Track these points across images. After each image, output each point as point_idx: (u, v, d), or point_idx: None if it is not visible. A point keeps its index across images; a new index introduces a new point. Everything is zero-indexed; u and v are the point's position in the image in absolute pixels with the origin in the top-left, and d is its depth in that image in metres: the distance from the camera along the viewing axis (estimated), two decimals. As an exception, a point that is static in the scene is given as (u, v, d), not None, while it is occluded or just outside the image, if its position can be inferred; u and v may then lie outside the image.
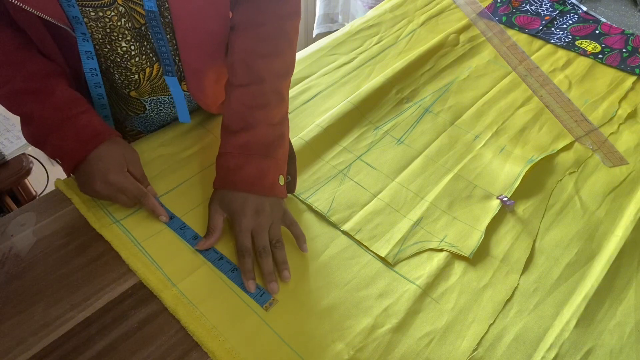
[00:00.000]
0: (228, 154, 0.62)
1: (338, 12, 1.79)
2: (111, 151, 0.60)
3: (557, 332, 0.55)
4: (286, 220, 0.62)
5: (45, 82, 0.60)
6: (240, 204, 0.60)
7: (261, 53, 0.65)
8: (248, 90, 0.64)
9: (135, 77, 0.66)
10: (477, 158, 0.76)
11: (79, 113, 0.60)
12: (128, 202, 0.61)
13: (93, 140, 0.60)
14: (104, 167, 0.59)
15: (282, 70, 0.67)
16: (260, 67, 0.65)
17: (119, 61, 0.64)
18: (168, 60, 0.65)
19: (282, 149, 0.64)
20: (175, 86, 0.68)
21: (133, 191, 0.60)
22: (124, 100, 0.71)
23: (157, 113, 0.75)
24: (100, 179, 0.59)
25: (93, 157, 0.59)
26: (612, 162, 0.77)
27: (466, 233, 0.65)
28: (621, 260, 0.63)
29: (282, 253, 0.59)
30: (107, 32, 0.60)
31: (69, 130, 0.60)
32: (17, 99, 0.61)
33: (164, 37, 0.62)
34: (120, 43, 0.62)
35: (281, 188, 0.62)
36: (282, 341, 0.53)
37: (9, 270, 0.57)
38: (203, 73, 0.69)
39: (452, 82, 0.90)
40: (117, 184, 0.59)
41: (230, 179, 0.61)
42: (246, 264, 0.57)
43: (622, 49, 1.00)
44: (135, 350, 0.51)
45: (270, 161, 0.62)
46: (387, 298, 0.57)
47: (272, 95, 0.65)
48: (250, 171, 0.61)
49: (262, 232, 0.59)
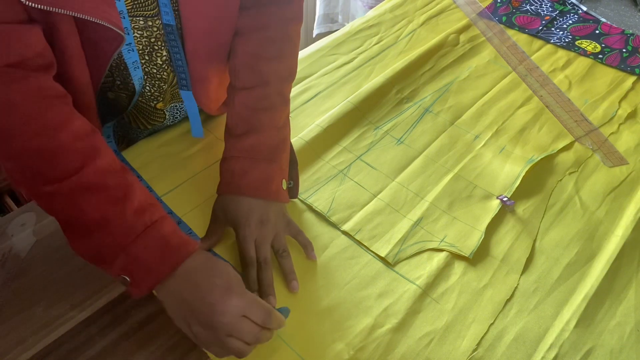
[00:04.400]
0: (233, 158, 0.61)
1: (338, 12, 1.79)
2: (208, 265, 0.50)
3: (557, 332, 0.55)
4: (292, 230, 0.62)
5: (123, 177, 0.50)
6: (244, 213, 0.58)
7: (266, 56, 0.65)
8: (252, 93, 0.64)
9: (165, 87, 0.66)
10: (477, 158, 0.76)
11: (161, 218, 0.50)
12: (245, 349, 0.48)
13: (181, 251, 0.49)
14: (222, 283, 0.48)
15: (286, 73, 0.67)
16: (264, 70, 0.64)
17: (154, 72, 0.63)
18: (184, 74, 0.64)
19: (285, 153, 0.64)
20: (190, 100, 0.67)
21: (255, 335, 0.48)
22: (146, 113, 0.70)
23: (173, 121, 0.75)
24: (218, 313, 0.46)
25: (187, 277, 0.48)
26: (612, 162, 0.77)
27: (466, 233, 0.65)
28: (621, 260, 0.63)
29: (289, 262, 0.58)
30: (151, 42, 0.59)
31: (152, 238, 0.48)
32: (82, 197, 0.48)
33: (181, 51, 0.61)
34: (162, 52, 0.61)
35: (284, 193, 0.62)
36: (282, 341, 0.53)
37: (9, 270, 0.57)
38: (209, 80, 0.68)
39: (452, 82, 0.90)
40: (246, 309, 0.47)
41: (235, 184, 0.60)
42: (250, 275, 0.56)
43: (622, 49, 1.00)
44: (135, 350, 0.51)
45: (275, 165, 0.61)
46: (387, 298, 0.57)
47: (277, 98, 0.64)
48: (256, 176, 0.60)
49: (265, 243, 0.58)
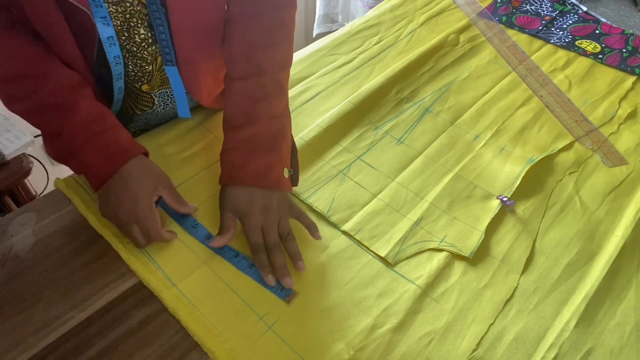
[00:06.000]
0: (233, 149, 0.62)
1: (338, 12, 1.79)
2: (140, 173, 0.58)
3: (557, 332, 0.55)
4: (294, 212, 0.62)
5: (71, 95, 0.59)
6: (247, 202, 0.60)
7: (260, 44, 0.65)
8: (248, 83, 0.64)
9: (149, 68, 0.66)
10: (477, 158, 0.76)
11: (106, 129, 0.59)
12: (141, 240, 0.58)
13: (119, 158, 0.58)
14: (133, 190, 0.57)
15: (281, 61, 0.67)
16: (259, 59, 0.65)
17: (135, 50, 0.63)
18: (168, 49, 0.64)
19: (286, 141, 0.65)
20: (175, 77, 0.67)
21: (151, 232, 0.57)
22: (133, 96, 0.70)
23: (163, 108, 0.74)
24: (127, 203, 0.56)
25: (120, 178, 0.57)
26: (612, 162, 0.77)
27: (466, 233, 0.65)
28: (621, 260, 0.63)
29: (294, 245, 0.60)
30: (127, 17, 0.59)
31: (95, 147, 0.58)
32: (42, 113, 0.59)
33: (164, 23, 0.61)
34: (139, 30, 0.61)
35: (286, 181, 0.63)
36: (282, 341, 0.53)
37: (9, 270, 0.57)
38: (197, 64, 0.68)
39: (452, 82, 0.90)
40: (139, 215, 0.56)
41: (236, 174, 0.61)
42: (262, 259, 0.58)
43: (622, 49, 1.00)
44: (135, 350, 0.51)
45: (275, 154, 0.62)
46: (387, 298, 0.57)
47: (272, 87, 0.65)
48: (256, 166, 0.61)
49: (272, 229, 0.59)
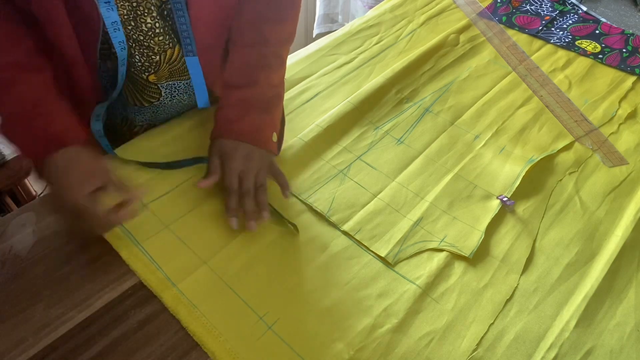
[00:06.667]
0: (229, 106, 0.66)
1: (338, 12, 1.79)
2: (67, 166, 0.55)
3: (557, 332, 0.55)
4: (273, 170, 0.65)
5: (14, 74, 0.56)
6: (232, 148, 0.63)
7: (269, 17, 0.69)
8: (252, 51, 0.68)
9: (157, 58, 0.66)
10: (477, 158, 0.76)
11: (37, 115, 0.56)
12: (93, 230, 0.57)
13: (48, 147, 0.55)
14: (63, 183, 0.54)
15: (285, 36, 0.72)
16: (266, 31, 0.68)
17: (142, 39, 0.63)
18: (189, 39, 0.65)
19: (278, 108, 0.69)
20: (195, 67, 0.68)
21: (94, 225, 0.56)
22: (139, 87, 0.70)
23: (170, 100, 0.74)
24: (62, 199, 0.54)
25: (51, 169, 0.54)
26: (612, 162, 0.77)
27: (466, 233, 0.65)
28: (621, 260, 0.63)
29: (264, 196, 0.63)
30: (134, 6, 0.60)
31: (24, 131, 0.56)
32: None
33: (185, 14, 0.62)
34: (145, 19, 0.62)
35: (273, 144, 0.67)
36: (282, 341, 0.53)
37: (9, 270, 0.57)
38: (214, 49, 0.71)
39: (452, 82, 0.90)
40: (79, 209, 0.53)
41: (228, 129, 0.65)
42: (232, 202, 0.61)
43: (622, 49, 1.00)
44: (135, 350, 0.51)
45: (268, 117, 0.66)
46: (387, 298, 0.57)
47: (274, 59, 0.69)
48: (250, 123, 0.65)
49: (249, 176, 0.63)
